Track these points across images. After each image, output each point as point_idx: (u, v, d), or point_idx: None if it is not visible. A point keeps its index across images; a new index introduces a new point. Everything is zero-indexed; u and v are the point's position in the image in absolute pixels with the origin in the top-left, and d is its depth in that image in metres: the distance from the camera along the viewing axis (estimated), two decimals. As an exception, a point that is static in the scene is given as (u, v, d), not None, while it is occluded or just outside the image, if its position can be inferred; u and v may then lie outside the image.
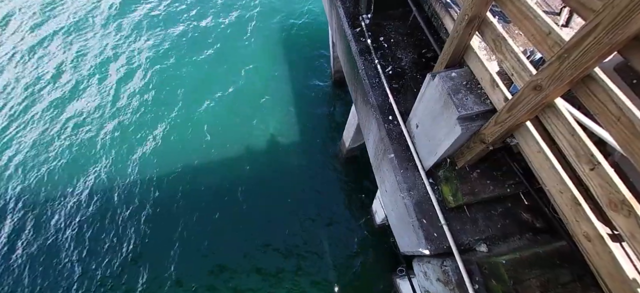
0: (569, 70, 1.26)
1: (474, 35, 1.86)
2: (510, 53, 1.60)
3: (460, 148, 2.20)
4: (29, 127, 8.27)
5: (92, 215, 6.97)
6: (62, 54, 9.37)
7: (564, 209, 1.57)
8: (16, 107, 8.61)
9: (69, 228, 6.88)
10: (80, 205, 7.13)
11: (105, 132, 7.91)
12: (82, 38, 9.75)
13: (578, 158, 1.39)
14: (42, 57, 9.45)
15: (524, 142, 1.70)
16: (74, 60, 9.28)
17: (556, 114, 1.45)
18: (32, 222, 7.01)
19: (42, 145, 7.95)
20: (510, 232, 2.25)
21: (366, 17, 3.38)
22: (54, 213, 7.10)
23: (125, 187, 7.18)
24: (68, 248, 6.70)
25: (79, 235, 6.80)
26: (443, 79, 2.00)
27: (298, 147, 7.43)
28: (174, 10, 10.16)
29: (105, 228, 6.78)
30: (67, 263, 6.55)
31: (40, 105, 8.56)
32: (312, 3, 9.95)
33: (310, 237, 6.35)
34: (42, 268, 6.54)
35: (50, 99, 8.62)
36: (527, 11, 1.44)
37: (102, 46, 9.44)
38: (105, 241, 6.63)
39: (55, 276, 6.46)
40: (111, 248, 6.58)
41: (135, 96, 8.37)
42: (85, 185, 7.30)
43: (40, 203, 7.24)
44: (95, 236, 6.77)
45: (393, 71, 3.08)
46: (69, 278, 6.40)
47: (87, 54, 9.36)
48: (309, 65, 8.69)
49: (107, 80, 8.76)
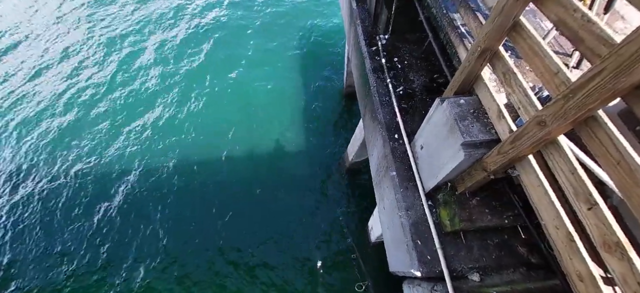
0: (572, 109, 1.31)
1: (485, 66, 1.93)
2: (519, 87, 1.66)
3: (461, 174, 2.24)
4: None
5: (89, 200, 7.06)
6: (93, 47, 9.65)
7: (559, 245, 1.59)
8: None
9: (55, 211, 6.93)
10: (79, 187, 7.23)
11: (106, 125, 8.04)
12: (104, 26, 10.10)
13: (576, 197, 1.42)
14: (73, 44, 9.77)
15: (524, 175, 1.73)
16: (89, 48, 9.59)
17: (558, 150, 1.49)
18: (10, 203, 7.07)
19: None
20: (504, 264, 2.25)
21: (383, 37, 3.49)
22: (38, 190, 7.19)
23: (131, 178, 7.28)
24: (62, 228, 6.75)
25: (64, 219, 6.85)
26: (451, 105, 2.07)
27: (301, 155, 7.49)
28: (194, 10, 10.50)
29: (97, 218, 6.82)
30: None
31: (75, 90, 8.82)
32: (332, 19, 10.23)
33: (301, 246, 6.31)
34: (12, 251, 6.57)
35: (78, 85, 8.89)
36: (538, 49, 1.51)
37: (117, 36, 9.72)
38: (94, 231, 6.66)
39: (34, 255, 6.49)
40: (98, 236, 6.60)
41: (142, 90, 8.56)
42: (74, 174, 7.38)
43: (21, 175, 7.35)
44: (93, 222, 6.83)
45: (403, 92, 3.16)
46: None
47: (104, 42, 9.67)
48: (322, 76, 8.86)
49: (114, 71, 8.96)
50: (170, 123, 7.96)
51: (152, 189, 7.07)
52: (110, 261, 6.31)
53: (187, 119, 8.03)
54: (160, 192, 7.01)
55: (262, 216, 6.66)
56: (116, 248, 6.44)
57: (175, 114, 8.10)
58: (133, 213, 6.79)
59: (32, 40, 10.12)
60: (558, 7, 1.36)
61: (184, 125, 7.91)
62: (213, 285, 5.97)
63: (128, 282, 6.08)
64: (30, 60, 9.53)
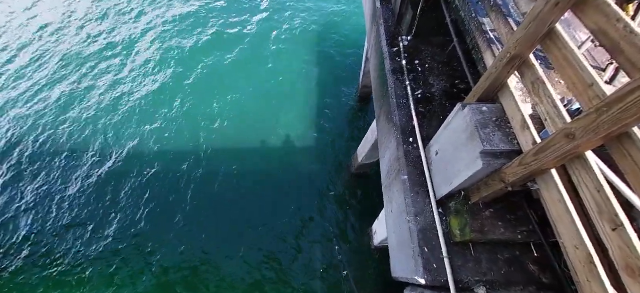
0: (606, 124, 1.25)
1: (513, 74, 1.87)
2: (548, 98, 1.60)
3: (477, 184, 2.18)
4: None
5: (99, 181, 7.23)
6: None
7: (577, 266, 1.52)
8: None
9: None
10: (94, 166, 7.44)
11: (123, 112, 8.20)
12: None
13: (600, 216, 1.36)
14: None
15: (545, 189, 1.67)
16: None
17: (585, 166, 1.43)
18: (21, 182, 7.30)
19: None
20: (513, 281, 2.18)
21: (406, 38, 3.44)
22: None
23: (141, 162, 7.43)
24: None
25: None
26: (473, 111, 2.01)
27: (312, 152, 7.49)
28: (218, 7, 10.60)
29: (107, 202, 6.97)
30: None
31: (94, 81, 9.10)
32: (352, 19, 10.18)
33: (303, 245, 6.32)
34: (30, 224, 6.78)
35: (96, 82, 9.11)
36: (573, 60, 1.45)
37: (137, 34, 9.86)
38: (104, 214, 6.82)
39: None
40: (109, 219, 6.76)
41: (169, 83, 8.69)
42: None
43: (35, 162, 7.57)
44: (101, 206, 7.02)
45: (422, 95, 3.11)
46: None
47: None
48: (338, 75, 8.84)
49: (136, 66, 9.09)
50: (190, 112, 8.09)
51: (168, 173, 7.20)
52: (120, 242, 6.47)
53: (198, 107, 8.15)
54: (170, 178, 7.14)
55: (269, 209, 6.70)
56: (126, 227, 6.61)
57: (194, 104, 8.22)
58: (147, 199, 6.92)
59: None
60: (599, 16, 1.30)
61: (201, 117, 8.01)
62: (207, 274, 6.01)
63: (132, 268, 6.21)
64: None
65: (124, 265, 6.17)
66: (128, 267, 6.15)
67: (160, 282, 5.98)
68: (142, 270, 6.10)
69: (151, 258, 6.21)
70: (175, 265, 6.13)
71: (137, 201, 6.84)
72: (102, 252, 6.30)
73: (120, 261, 6.21)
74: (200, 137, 7.63)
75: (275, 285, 5.92)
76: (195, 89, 8.46)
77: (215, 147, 7.50)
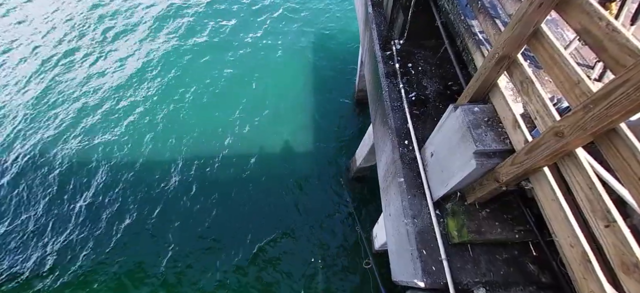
0: (593, 121, 1.25)
1: (502, 74, 1.88)
2: (537, 96, 1.61)
3: (472, 184, 2.18)
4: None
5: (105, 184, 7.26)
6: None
7: (573, 264, 1.52)
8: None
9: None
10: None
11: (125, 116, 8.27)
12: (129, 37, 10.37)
13: (593, 213, 1.36)
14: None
15: (539, 188, 1.67)
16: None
17: (576, 164, 1.43)
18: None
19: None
20: (512, 281, 2.17)
21: (398, 42, 3.47)
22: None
23: (141, 164, 7.46)
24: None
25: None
26: (465, 112, 2.02)
27: (310, 156, 7.49)
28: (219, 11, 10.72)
29: (113, 203, 7.01)
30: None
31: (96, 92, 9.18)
32: (347, 24, 10.26)
33: (303, 248, 6.29)
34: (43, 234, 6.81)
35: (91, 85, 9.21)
36: (559, 58, 1.46)
37: (139, 49, 9.92)
38: (108, 214, 6.85)
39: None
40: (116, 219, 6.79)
41: (163, 84, 8.78)
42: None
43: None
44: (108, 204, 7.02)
45: (416, 98, 3.12)
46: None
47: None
48: (334, 80, 8.88)
49: (135, 77, 9.14)
50: (187, 113, 8.14)
51: (160, 176, 7.23)
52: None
53: (197, 114, 8.19)
54: (166, 181, 7.16)
55: (267, 212, 6.71)
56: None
57: (189, 105, 8.28)
58: (140, 203, 6.94)
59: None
60: (582, 15, 1.32)
61: (194, 120, 8.07)
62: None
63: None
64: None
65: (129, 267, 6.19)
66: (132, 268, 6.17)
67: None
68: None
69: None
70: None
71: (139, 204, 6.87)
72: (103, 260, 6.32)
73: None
74: (203, 145, 7.67)
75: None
76: (188, 97, 8.50)
77: (209, 152, 7.54)
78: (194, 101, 8.41)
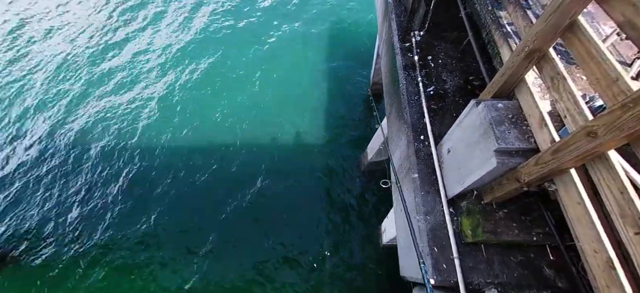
0: (631, 121, 1.17)
1: (531, 69, 1.79)
2: (568, 93, 1.52)
3: (490, 183, 2.11)
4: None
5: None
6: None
7: (596, 271, 1.45)
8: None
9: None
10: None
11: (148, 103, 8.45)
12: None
13: (623, 219, 1.29)
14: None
15: (563, 190, 1.59)
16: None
17: (607, 166, 1.35)
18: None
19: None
20: (527, 284, 2.11)
21: (418, 33, 3.37)
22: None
23: (159, 153, 7.65)
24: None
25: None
26: (488, 108, 1.94)
27: (322, 148, 7.48)
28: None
29: (132, 191, 7.24)
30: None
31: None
32: (365, 16, 10.07)
33: (312, 240, 6.34)
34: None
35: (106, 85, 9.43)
36: (596, 53, 1.37)
37: (161, 40, 10.07)
38: (120, 203, 7.08)
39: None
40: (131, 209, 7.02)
41: (184, 74, 8.92)
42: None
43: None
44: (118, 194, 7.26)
45: (434, 92, 3.03)
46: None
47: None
48: (349, 73, 8.78)
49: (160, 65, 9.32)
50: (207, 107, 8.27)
51: (169, 167, 7.40)
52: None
53: (213, 103, 8.29)
54: (183, 171, 7.32)
55: (279, 208, 6.77)
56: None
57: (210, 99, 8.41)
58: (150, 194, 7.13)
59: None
60: (627, 7, 1.22)
61: (208, 108, 8.18)
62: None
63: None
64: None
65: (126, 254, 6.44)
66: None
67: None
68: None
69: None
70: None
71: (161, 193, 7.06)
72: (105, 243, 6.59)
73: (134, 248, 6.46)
74: (216, 136, 7.78)
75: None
76: (204, 89, 8.60)
77: (224, 142, 7.64)
78: (212, 90, 8.52)
